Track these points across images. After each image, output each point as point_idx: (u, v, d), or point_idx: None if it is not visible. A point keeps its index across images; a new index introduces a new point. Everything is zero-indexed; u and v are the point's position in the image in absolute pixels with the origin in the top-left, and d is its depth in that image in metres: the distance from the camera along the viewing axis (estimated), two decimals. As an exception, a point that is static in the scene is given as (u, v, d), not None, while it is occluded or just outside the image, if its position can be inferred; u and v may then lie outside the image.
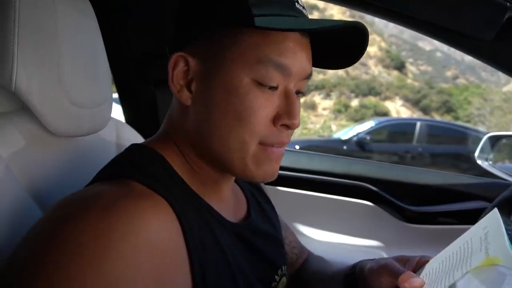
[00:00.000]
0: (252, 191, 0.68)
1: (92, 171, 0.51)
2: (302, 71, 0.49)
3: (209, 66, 0.48)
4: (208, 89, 0.48)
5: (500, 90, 16.59)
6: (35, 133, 0.58)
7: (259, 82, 0.46)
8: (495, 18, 0.68)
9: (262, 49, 0.45)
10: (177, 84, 0.49)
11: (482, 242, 0.42)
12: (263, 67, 0.46)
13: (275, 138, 0.49)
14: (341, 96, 18.17)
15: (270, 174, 0.51)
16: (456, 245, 0.47)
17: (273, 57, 0.46)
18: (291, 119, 0.48)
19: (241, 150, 0.48)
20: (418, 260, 0.53)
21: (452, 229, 1.28)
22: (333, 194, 1.37)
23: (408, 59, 22.52)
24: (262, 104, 0.47)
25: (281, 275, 0.62)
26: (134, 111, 1.31)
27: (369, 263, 0.57)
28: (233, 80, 0.46)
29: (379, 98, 18.36)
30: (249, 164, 0.49)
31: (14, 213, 0.50)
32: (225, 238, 0.51)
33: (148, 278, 0.38)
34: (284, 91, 0.49)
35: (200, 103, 0.49)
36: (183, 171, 0.51)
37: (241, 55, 0.46)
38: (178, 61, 0.49)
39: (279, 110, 0.48)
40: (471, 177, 1.45)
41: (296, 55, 0.47)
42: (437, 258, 0.49)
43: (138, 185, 0.44)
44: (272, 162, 0.50)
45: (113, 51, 1.14)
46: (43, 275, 0.35)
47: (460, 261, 0.44)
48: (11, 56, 0.50)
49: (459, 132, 7.00)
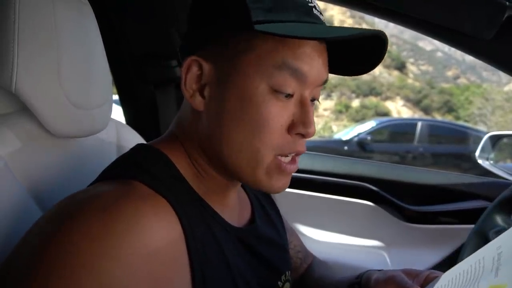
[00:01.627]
0: (257, 196, 0.67)
1: (92, 172, 0.51)
2: (318, 78, 0.47)
3: (223, 71, 0.46)
4: (221, 95, 0.47)
5: (501, 90, 16.57)
6: (35, 134, 0.59)
7: (275, 89, 0.45)
8: (495, 17, 0.68)
9: (278, 54, 0.44)
10: (190, 88, 0.48)
11: (494, 263, 0.41)
12: (280, 73, 0.44)
13: (290, 147, 0.47)
14: (342, 97, 18.16)
15: (281, 187, 0.49)
16: (468, 263, 0.45)
17: (290, 62, 0.44)
18: (306, 128, 0.47)
19: (254, 161, 0.47)
20: (427, 276, 0.51)
21: (453, 229, 1.28)
22: (333, 194, 1.37)
23: (409, 59, 22.51)
24: (278, 113, 0.45)
25: (285, 280, 0.61)
26: (134, 112, 1.31)
27: (376, 274, 0.56)
28: (248, 86, 0.45)
29: (380, 98, 18.36)
30: (260, 175, 0.47)
31: (13, 213, 0.50)
32: (227, 242, 0.50)
33: (145, 281, 0.38)
34: (300, 99, 0.47)
35: (213, 109, 0.47)
36: (188, 174, 0.50)
37: (256, 60, 0.44)
38: (192, 65, 0.47)
39: (294, 118, 0.47)
40: (472, 177, 1.45)
41: (313, 61, 0.46)
42: (447, 274, 0.48)
43: (140, 185, 0.43)
44: (285, 176, 0.49)
45: (113, 52, 1.14)
46: (39, 275, 0.35)
47: (470, 280, 0.42)
48: (11, 57, 0.50)
49: (460, 132, 7.00)
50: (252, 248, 0.55)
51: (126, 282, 0.36)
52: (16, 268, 0.37)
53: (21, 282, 0.36)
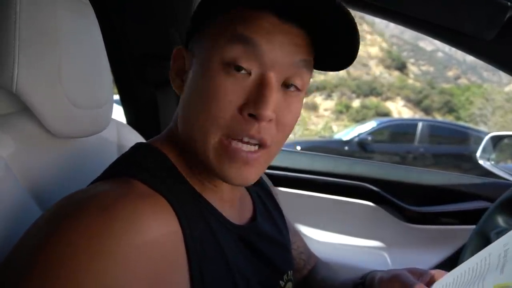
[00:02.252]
0: (259, 194, 0.66)
1: (93, 172, 0.51)
2: (283, 58, 0.45)
3: (195, 55, 0.49)
4: (191, 77, 0.49)
5: (502, 90, 16.56)
6: (36, 134, 0.59)
7: (226, 61, 0.44)
8: (496, 18, 0.68)
9: (233, 27, 0.44)
10: (174, 75, 0.52)
11: (500, 260, 0.40)
12: (232, 45, 0.44)
13: (240, 129, 0.44)
14: (342, 97, 18.16)
15: (236, 177, 0.46)
16: (473, 261, 0.44)
17: (244, 33, 0.43)
18: (257, 108, 0.43)
19: (202, 138, 0.45)
20: (433, 275, 0.51)
21: (454, 229, 1.28)
22: (334, 194, 1.37)
23: (409, 59, 22.51)
24: (227, 88, 0.44)
25: (287, 280, 0.61)
26: (135, 112, 1.31)
27: (380, 273, 0.56)
28: (205, 60, 0.46)
29: (381, 98, 18.35)
30: (211, 157, 0.45)
31: (14, 214, 0.50)
32: (227, 240, 0.50)
33: (143, 280, 0.38)
34: (259, 78, 0.44)
35: (186, 91, 0.50)
36: (186, 171, 0.50)
37: (214, 35, 0.46)
38: (177, 55, 0.52)
39: (249, 98, 0.44)
40: (473, 177, 1.45)
41: (274, 38, 0.44)
42: (453, 273, 0.47)
43: (139, 184, 0.43)
44: (237, 163, 0.45)
45: (114, 52, 1.14)
46: (37, 275, 0.35)
47: (475, 277, 0.41)
48: (12, 57, 0.50)
49: (461, 132, 6.99)
50: (253, 246, 0.55)
51: (124, 281, 0.36)
52: (14, 268, 0.37)
53: (19, 282, 0.35)
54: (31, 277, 0.35)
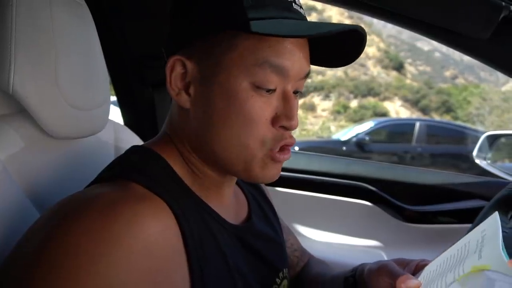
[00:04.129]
0: (253, 193, 0.67)
1: (90, 173, 0.52)
2: (300, 71, 0.48)
3: (206, 69, 0.47)
4: (207, 93, 0.48)
5: (499, 90, 16.62)
6: (32, 135, 0.59)
7: (257, 85, 0.46)
8: (491, 17, 0.68)
9: (260, 52, 0.45)
10: (175, 87, 0.49)
11: (478, 245, 0.42)
12: (261, 70, 0.45)
13: (279, 140, 0.48)
14: (340, 97, 18.18)
15: (274, 175, 0.51)
16: (454, 248, 0.46)
17: (271, 59, 0.45)
18: (289, 121, 0.48)
19: (246, 155, 0.48)
20: (418, 264, 0.53)
21: (451, 228, 1.29)
22: (332, 194, 1.37)
23: (407, 59, 22.55)
24: (261, 108, 0.47)
25: (282, 277, 0.62)
26: (132, 113, 1.31)
27: (369, 265, 0.57)
28: (231, 84, 0.46)
29: (378, 98, 18.38)
30: (254, 168, 0.49)
31: (11, 214, 0.50)
32: (225, 240, 0.51)
33: (144, 281, 0.38)
34: (282, 93, 0.48)
35: (200, 107, 0.49)
36: (184, 173, 0.51)
37: (238, 58, 0.45)
38: (175, 64, 0.49)
39: (277, 111, 0.48)
40: (470, 177, 1.45)
41: (294, 56, 0.47)
42: (436, 260, 0.49)
43: (138, 186, 0.44)
44: (278, 164, 0.50)
45: (111, 53, 1.14)
46: (38, 277, 0.35)
47: (455, 263, 0.43)
48: (9, 59, 0.50)
49: (458, 132, 7.00)
50: (250, 245, 0.56)
51: (124, 283, 0.37)
52: (14, 270, 0.37)
53: (19, 283, 0.36)
54: (32, 279, 0.35)
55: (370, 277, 0.54)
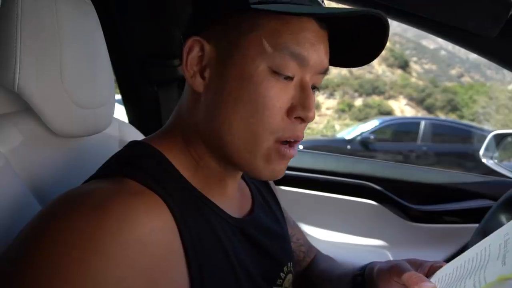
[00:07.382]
0: (258, 187, 0.67)
1: (93, 170, 0.51)
2: (319, 64, 0.47)
3: (224, 51, 0.46)
4: (221, 76, 0.46)
5: (506, 88, 16.48)
6: (38, 133, 0.59)
7: (275, 70, 0.45)
8: (499, 15, 0.67)
9: (280, 37, 0.44)
10: (191, 69, 0.48)
11: (501, 249, 0.39)
12: (280, 55, 0.44)
13: (290, 132, 0.47)
14: (345, 96, 18.12)
15: (278, 172, 0.50)
16: (473, 251, 0.44)
17: (291, 46, 0.44)
18: (305, 111, 0.46)
19: (252, 144, 0.46)
20: (431, 266, 0.51)
21: (457, 228, 1.28)
22: (337, 193, 1.37)
23: (412, 57, 22.42)
24: (277, 94, 0.45)
25: (287, 272, 0.61)
26: (137, 111, 1.32)
27: (379, 264, 0.56)
28: (248, 66, 0.45)
29: (383, 97, 18.30)
30: (258, 160, 0.47)
31: (14, 210, 0.51)
32: (227, 233, 0.50)
33: (139, 277, 0.38)
34: (300, 83, 0.47)
35: (213, 90, 0.47)
36: (185, 166, 0.50)
37: (258, 41, 0.44)
38: (193, 46, 0.48)
39: (294, 101, 0.47)
40: (476, 176, 1.45)
41: (314, 46, 0.46)
42: (452, 263, 0.47)
43: (132, 182, 0.43)
44: (284, 160, 0.49)
45: (116, 52, 1.15)
46: (30, 273, 0.35)
47: (475, 268, 0.41)
48: (14, 57, 0.51)
49: (464, 131, 6.96)
50: (253, 239, 0.55)
51: (117, 279, 0.36)
52: (7, 266, 0.37)
53: (12, 279, 0.36)
54: (24, 274, 0.35)
55: (380, 277, 0.53)
